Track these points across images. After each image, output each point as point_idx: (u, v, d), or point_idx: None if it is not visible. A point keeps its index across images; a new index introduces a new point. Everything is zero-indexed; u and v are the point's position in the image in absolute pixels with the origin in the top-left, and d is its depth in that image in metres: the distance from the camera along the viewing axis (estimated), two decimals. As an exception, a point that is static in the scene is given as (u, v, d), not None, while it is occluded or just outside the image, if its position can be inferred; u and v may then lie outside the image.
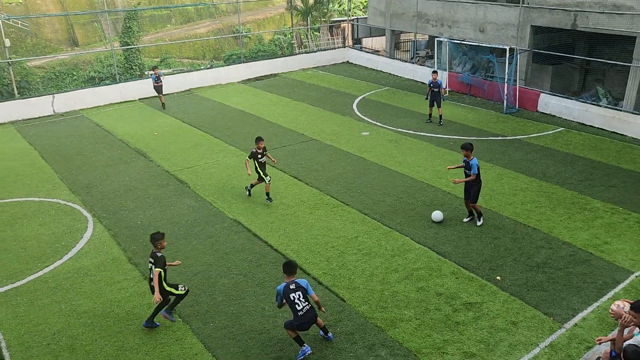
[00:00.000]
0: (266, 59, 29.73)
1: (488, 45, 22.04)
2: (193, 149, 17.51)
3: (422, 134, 18.30)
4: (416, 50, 30.58)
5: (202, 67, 32.95)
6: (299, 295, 7.85)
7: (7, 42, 22.81)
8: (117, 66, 27.72)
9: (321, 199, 13.55)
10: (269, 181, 13.33)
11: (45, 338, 8.84)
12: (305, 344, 8.14)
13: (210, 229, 12.24)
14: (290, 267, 8.06)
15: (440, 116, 19.22)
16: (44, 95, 23.49)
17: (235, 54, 33.41)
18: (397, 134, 18.32)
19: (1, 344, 8.73)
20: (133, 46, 30.97)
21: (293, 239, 11.65)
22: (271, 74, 28.38)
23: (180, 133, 19.26)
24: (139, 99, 24.29)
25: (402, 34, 31.86)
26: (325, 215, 12.66)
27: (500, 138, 17.89)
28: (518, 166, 15.35)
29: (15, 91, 23.72)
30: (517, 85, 21.38)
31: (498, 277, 10.10)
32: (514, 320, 8.93)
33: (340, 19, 35.66)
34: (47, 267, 10.88)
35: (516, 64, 21.21)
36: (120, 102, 23.94)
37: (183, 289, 8.97)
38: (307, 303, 7.90)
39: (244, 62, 28.62)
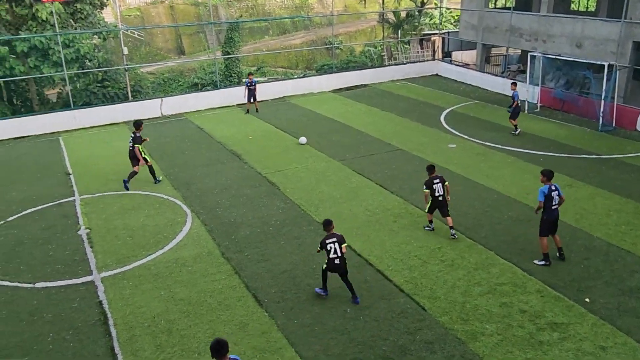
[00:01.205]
0: (356, 70, 29.92)
1: (585, 61, 20.85)
2: (284, 153, 17.94)
3: (511, 148, 17.62)
4: (507, 64, 29.51)
5: (296, 76, 33.70)
6: None
7: (125, 50, 24.54)
8: (218, 73, 28.99)
9: (405, 208, 13.41)
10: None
11: (146, 320, 9.40)
12: None
13: (297, 230, 12.48)
14: (220, 349, 6.03)
15: (516, 126, 19.05)
16: (154, 98, 25.04)
17: (327, 64, 33.88)
18: (484, 148, 17.76)
19: (109, 322, 9.39)
20: (233, 55, 32.29)
21: (376, 245, 11.60)
22: (361, 84, 28.50)
23: (273, 138, 19.80)
24: (237, 105, 25.25)
25: (493, 48, 30.88)
26: (409, 224, 12.51)
27: (594, 156, 16.84)
28: (612, 186, 14.37)
29: (129, 95, 25.47)
30: (615, 102, 20.03)
31: (587, 299, 9.51)
32: (602, 345, 8.36)
33: (430, 32, 35.18)
34: (150, 255, 11.57)
35: (615, 81, 19.89)
36: (220, 107, 24.98)
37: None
38: None
39: (335, 72, 28.94)
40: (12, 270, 11.16)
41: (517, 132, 18.95)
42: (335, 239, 9.44)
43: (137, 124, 15.22)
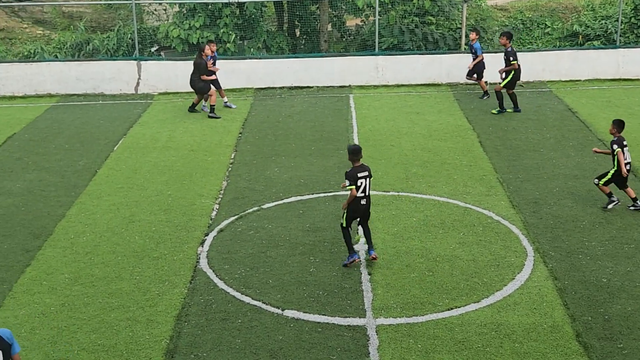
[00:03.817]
0: None
1: None
2: None
3: None
4: None
5: None
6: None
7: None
8: (621, 20, 28.22)
9: None
10: None
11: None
12: None
13: None
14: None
15: None
16: (501, 52, 25.72)
17: None
18: None
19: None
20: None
21: None
22: None
23: None
24: (644, 79, 24.43)
25: None
26: None
27: None
28: None
29: (463, 41, 26.72)
30: None
31: None
32: None
33: None
34: (456, 307, 11.94)
35: None
36: (613, 80, 24.48)
37: None
38: None
39: None
40: (257, 283, 12.83)
41: None
42: (367, 173, 12.72)
43: (509, 34, 22.80)
